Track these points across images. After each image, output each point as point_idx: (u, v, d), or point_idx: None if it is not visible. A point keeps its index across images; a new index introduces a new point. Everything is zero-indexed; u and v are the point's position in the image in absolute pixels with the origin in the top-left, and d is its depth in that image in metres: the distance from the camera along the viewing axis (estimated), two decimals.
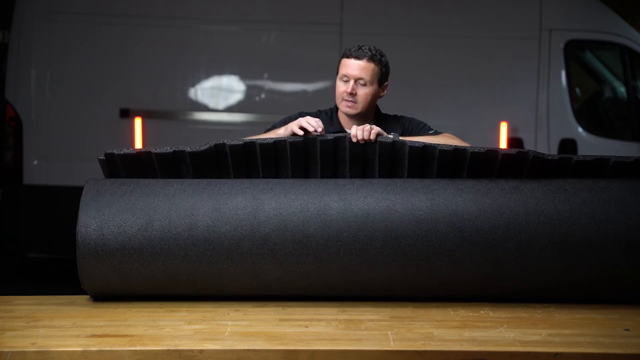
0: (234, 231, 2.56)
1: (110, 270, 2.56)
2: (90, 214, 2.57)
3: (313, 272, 2.58)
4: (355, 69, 2.95)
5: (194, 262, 2.56)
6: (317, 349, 2.18)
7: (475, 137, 6.01)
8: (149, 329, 2.34)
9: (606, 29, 6.18)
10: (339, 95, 2.99)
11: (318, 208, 2.58)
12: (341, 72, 2.98)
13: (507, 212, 2.58)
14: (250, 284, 2.61)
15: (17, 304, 2.67)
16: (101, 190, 2.63)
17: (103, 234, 2.54)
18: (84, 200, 2.60)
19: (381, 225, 2.56)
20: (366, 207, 2.58)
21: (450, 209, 2.58)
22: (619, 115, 6.50)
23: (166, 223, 2.55)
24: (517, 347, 2.21)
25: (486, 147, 2.68)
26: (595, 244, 2.57)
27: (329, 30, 6.01)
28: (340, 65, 3.00)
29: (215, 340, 2.24)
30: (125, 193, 2.61)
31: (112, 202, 2.58)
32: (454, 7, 6.12)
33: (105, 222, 2.55)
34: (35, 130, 5.93)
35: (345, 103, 2.97)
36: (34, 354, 2.14)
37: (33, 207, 5.97)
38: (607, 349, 2.20)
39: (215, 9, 6.06)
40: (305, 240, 2.56)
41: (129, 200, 2.59)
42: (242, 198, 2.60)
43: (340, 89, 2.98)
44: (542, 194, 2.62)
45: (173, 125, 6.05)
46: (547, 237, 2.56)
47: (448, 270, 2.58)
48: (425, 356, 2.17)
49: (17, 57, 5.93)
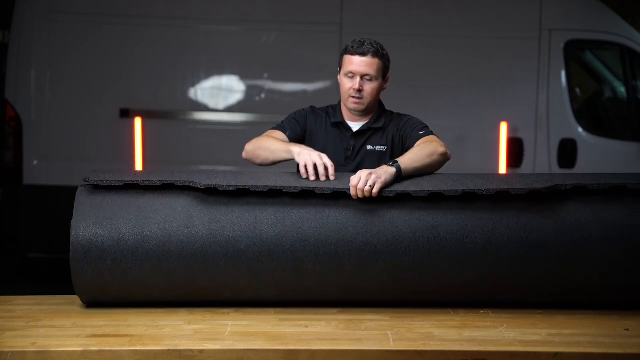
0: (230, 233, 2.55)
1: (104, 277, 2.54)
2: (85, 221, 2.54)
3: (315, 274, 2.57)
4: (361, 66, 2.94)
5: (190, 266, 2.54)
6: (317, 349, 2.18)
7: (475, 137, 6.03)
8: (149, 329, 2.34)
9: (606, 29, 6.18)
10: (345, 92, 2.99)
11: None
12: (346, 69, 2.97)
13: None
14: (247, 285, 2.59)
15: (17, 304, 2.67)
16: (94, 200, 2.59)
17: (98, 240, 2.52)
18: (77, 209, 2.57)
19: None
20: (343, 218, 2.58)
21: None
22: (619, 115, 6.49)
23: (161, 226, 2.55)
24: (517, 347, 2.21)
25: (495, 188, 2.58)
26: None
27: (329, 30, 6.00)
28: (344, 62, 2.99)
29: (215, 340, 2.24)
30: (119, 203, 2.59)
31: (107, 211, 2.57)
32: (454, 7, 6.11)
33: (99, 230, 2.53)
34: (35, 130, 5.93)
35: (352, 100, 2.97)
36: (34, 354, 2.14)
37: (33, 207, 5.97)
38: (607, 349, 2.20)
39: (215, 9, 6.06)
40: (305, 242, 2.56)
41: (123, 206, 2.58)
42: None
43: (347, 86, 2.97)
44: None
45: (173, 125, 6.05)
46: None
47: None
48: (425, 356, 2.17)
49: (17, 57, 5.93)
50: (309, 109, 3.10)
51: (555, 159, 6.07)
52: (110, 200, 2.58)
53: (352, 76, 2.95)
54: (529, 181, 2.64)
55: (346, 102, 3.00)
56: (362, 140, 3.01)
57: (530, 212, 2.59)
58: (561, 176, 2.77)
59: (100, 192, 2.59)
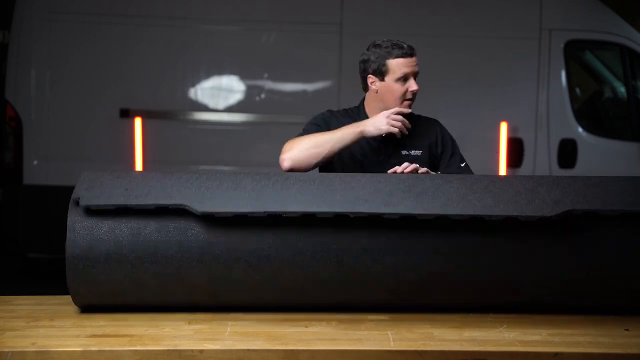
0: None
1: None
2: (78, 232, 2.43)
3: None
4: (413, 66, 2.91)
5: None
6: (317, 349, 2.18)
7: (475, 137, 6.02)
8: (149, 329, 2.33)
9: (606, 29, 6.19)
10: (398, 97, 2.91)
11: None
12: (398, 73, 2.89)
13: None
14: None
15: (17, 304, 2.66)
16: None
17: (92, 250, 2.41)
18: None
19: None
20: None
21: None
22: (619, 115, 6.50)
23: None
24: (517, 347, 2.21)
25: (503, 214, 2.39)
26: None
27: (329, 30, 6.01)
28: (391, 68, 2.90)
29: (215, 340, 2.24)
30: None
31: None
32: (454, 7, 6.12)
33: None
34: (35, 130, 5.93)
35: (406, 103, 2.92)
36: (34, 354, 2.14)
37: (33, 207, 5.97)
38: (607, 349, 2.20)
39: (215, 9, 6.06)
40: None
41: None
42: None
43: (401, 90, 2.90)
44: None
45: (173, 125, 6.05)
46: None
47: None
48: (425, 356, 2.17)
49: (17, 57, 5.93)
50: (326, 113, 3.03)
51: (555, 159, 6.08)
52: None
53: (406, 79, 2.91)
54: (538, 202, 2.44)
55: (401, 106, 2.92)
56: (394, 144, 2.94)
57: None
58: (568, 183, 2.54)
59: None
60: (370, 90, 2.99)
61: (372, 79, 2.94)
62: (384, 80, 2.92)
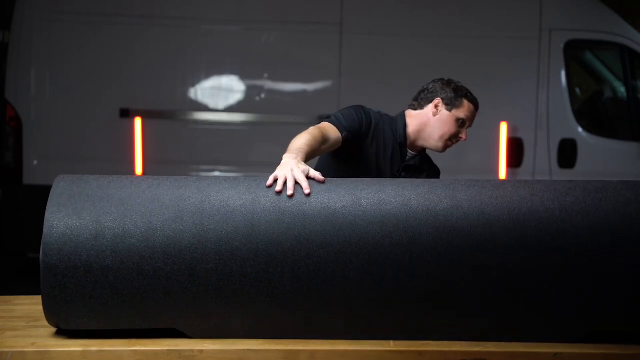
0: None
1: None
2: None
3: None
4: (473, 116, 2.94)
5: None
6: (317, 349, 2.18)
7: (475, 137, 6.01)
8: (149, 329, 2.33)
9: (606, 29, 6.18)
10: (445, 134, 2.91)
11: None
12: (461, 114, 2.89)
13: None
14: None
15: (17, 304, 2.67)
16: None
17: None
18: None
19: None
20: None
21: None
22: (619, 115, 6.49)
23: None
24: (517, 347, 2.21)
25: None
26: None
27: (329, 30, 6.01)
28: (461, 106, 2.90)
29: (215, 340, 2.24)
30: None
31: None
32: (454, 7, 6.11)
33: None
34: (35, 130, 5.93)
35: (448, 144, 2.93)
36: (34, 354, 2.14)
37: (33, 207, 5.94)
38: (607, 349, 2.20)
39: (215, 9, 6.06)
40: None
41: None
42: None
43: (452, 131, 2.91)
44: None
45: (173, 125, 6.05)
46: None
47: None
48: (425, 356, 2.17)
49: (17, 57, 5.93)
50: (359, 108, 2.89)
51: (555, 159, 6.08)
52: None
53: (463, 124, 2.92)
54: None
55: (439, 143, 2.92)
56: (409, 173, 2.94)
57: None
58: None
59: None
60: (426, 111, 2.95)
61: (438, 103, 2.92)
62: (450, 111, 2.91)
